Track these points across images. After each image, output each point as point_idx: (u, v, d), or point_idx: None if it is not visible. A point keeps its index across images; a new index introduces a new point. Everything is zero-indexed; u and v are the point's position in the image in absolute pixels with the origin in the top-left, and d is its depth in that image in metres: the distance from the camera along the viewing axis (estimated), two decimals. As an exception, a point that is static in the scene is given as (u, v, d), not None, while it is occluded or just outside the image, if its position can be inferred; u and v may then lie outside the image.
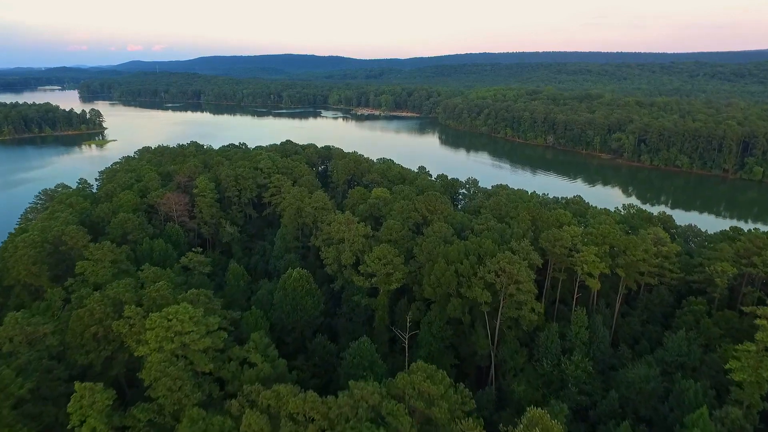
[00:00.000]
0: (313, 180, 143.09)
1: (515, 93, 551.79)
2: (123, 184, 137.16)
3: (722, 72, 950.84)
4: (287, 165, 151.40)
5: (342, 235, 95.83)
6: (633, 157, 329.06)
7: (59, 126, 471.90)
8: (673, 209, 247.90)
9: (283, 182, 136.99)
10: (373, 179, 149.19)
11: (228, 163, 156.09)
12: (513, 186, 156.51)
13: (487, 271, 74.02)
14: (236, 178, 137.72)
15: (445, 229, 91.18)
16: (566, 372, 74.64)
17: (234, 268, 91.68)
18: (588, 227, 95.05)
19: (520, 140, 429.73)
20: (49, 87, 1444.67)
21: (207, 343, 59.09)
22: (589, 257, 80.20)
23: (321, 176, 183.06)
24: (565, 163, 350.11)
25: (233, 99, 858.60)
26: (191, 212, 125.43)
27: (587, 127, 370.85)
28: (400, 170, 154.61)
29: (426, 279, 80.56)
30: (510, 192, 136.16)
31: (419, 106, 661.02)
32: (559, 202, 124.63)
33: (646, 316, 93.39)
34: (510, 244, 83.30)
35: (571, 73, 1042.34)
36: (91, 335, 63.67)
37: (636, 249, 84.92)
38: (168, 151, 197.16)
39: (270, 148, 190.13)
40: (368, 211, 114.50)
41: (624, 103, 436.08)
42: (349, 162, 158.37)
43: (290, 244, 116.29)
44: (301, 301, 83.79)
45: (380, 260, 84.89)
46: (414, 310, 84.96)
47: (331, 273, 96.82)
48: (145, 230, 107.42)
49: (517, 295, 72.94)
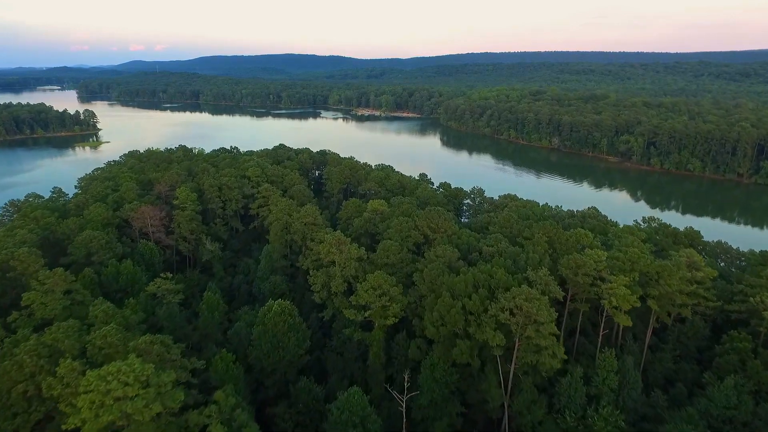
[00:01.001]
0: (304, 190, 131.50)
1: (518, 93, 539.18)
2: (97, 194, 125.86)
3: (727, 72, 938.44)
4: (277, 173, 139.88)
5: (332, 257, 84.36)
6: (642, 161, 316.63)
7: (52, 127, 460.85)
8: (684, 214, 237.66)
9: (272, 192, 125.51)
10: (371, 188, 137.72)
11: (214, 170, 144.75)
12: (519, 192, 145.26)
13: (500, 309, 62.45)
14: (220, 188, 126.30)
15: (450, 252, 79.59)
16: (594, 427, 63.10)
17: (209, 298, 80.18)
18: (613, 249, 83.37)
19: (524, 142, 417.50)
20: (48, 87, 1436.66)
21: (157, 410, 47.59)
22: (618, 289, 68.53)
23: (316, 182, 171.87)
24: (571, 167, 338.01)
25: (232, 99, 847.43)
26: (168, 227, 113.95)
27: (594, 128, 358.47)
28: (399, 178, 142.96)
29: (428, 315, 68.99)
30: (519, 204, 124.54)
31: (420, 107, 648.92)
32: (574, 216, 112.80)
33: (679, 352, 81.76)
34: (526, 273, 71.68)
35: (574, 73, 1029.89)
36: (20, 394, 52.23)
37: (671, 277, 73.28)
38: (154, 156, 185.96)
39: (261, 153, 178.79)
40: (363, 227, 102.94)
41: (631, 103, 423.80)
42: (345, 169, 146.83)
43: (277, 264, 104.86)
44: (282, 338, 72.30)
45: (375, 290, 73.37)
46: (414, 348, 73.41)
47: (319, 301, 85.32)
48: (113, 250, 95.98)
49: (535, 338, 61.34)
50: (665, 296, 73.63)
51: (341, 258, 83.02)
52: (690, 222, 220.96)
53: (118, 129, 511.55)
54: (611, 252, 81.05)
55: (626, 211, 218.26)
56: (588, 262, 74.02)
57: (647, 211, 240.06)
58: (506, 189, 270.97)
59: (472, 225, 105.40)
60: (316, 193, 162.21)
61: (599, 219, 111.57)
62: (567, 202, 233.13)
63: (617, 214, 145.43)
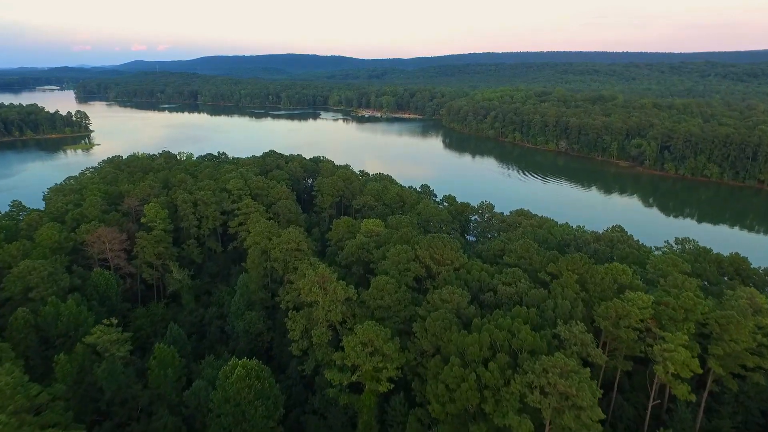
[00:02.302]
0: (291, 206, 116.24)
1: (523, 94, 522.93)
2: (55, 211, 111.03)
3: (735, 72, 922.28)
4: (261, 186, 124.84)
5: (315, 297, 69.27)
6: (656, 166, 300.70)
7: (42, 129, 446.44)
8: (700, 222, 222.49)
9: (253, 209, 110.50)
10: (366, 203, 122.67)
11: (192, 181, 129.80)
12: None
13: (527, 386, 47.32)
14: (195, 204, 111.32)
15: (458, 296, 64.38)
16: None
17: (160, 352, 64.92)
18: (657, 289, 68.16)
19: (530, 145, 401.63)
20: (48, 87, 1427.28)
21: None
22: (677, 355, 53.27)
23: (308, 193, 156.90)
24: (580, 171, 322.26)
25: (231, 100, 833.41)
26: (131, 251, 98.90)
27: (603, 131, 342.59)
28: (398, 191, 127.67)
29: (431, 386, 53.84)
30: (534, 223, 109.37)
31: (422, 108, 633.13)
32: (600, 239, 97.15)
33: (741, 417, 66.55)
34: (555, 328, 56.49)
35: (577, 73, 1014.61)
36: None
37: (739, 331, 57.99)
38: (135, 162, 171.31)
39: (248, 161, 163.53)
40: (355, 254, 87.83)
41: (640, 105, 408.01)
42: (338, 181, 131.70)
43: (254, 296, 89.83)
44: (248, 408, 57.20)
45: (365, 347, 58.27)
46: (413, 421, 58.28)
47: (297, 353, 70.21)
48: (57, 283, 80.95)
49: (576, 427, 46.09)
50: (732, 356, 58.38)
51: (325, 300, 67.93)
52: (709, 232, 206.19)
53: (112, 130, 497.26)
54: (656, 293, 65.85)
55: (647, 223, 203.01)
56: (632, 312, 58.88)
57: (663, 219, 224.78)
58: (513, 196, 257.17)
59: (483, 253, 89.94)
60: (307, 205, 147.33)
61: (630, 244, 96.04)
62: (580, 210, 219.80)
63: (638, 227, 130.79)
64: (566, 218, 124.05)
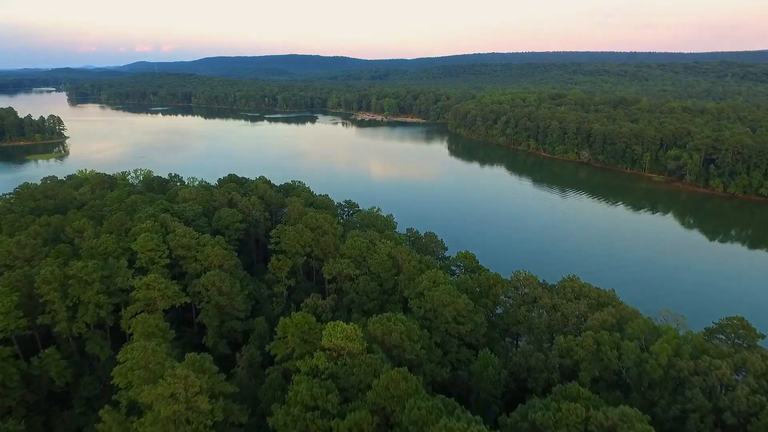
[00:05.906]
0: (224, 283, 74.49)
1: (536, 97, 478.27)
2: None
3: (753, 72, 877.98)
4: (188, 244, 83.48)
5: None
6: (699, 182, 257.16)
7: (9, 136, 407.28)
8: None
9: (159, 293, 69.25)
10: (342, 271, 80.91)
11: (92, 233, 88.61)
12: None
13: None
14: (64, 285, 70.01)
15: None
16: None
17: None
18: None
19: (546, 154, 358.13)
20: (45, 89, 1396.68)
21: None
22: None
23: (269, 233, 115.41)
24: (607, 186, 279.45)
25: (225, 102, 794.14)
26: None
27: (633, 140, 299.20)
28: (391, 251, 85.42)
29: None
30: (593, 302, 67.49)
31: (426, 111, 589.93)
32: (718, 344, 55.11)
33: None
34: None
35: (587, 73, 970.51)
36: None
37: None
38: (56, 192, 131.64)
39: (197, 189, 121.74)
40: (302, 425, 46.23)
41: (668, 109, 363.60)
42: (303, 231, 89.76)
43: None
44: None
45: None
46: None
47: None
48: None
49: None
50: None
51: None
52: None
53: (89, 136, 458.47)
54: None
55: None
56: None
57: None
58: (544, 213, 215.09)
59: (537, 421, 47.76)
60: (264, 252, 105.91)
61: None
62: (623, 241, 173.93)
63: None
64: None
